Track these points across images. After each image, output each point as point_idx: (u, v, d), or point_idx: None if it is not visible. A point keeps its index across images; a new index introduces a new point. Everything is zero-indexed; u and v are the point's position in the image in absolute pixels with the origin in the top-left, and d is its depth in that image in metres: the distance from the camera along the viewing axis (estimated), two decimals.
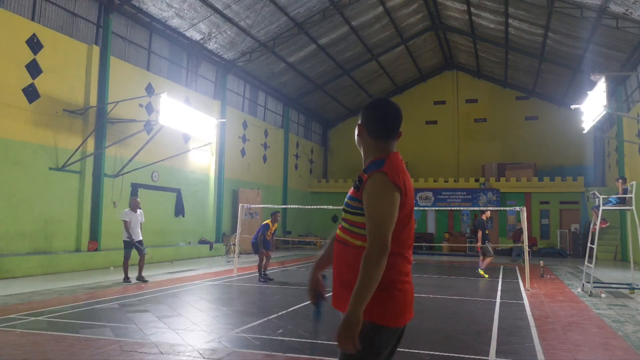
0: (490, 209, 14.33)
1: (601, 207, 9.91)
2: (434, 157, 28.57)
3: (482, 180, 26.17)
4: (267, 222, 11.55)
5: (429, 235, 25.93)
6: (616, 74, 18.02)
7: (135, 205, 10.72)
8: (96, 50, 14.05)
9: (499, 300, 9.14)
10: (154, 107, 15.75)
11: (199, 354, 5.01)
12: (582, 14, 15.91)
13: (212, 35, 18.26)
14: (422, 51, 26.73)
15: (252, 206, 16.49)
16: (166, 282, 10.80)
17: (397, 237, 2.08)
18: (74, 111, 13.31)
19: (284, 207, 20.05)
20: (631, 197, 9.88)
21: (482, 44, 24.10)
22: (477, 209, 21.49)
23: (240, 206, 13.74)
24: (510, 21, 19.80)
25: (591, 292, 9.73)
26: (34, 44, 12.22)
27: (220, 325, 6.46)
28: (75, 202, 13.38)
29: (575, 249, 22.99)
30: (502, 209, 16.29)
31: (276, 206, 18.71)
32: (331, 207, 22.50)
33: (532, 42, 20.75)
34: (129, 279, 10.42)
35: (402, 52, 25.66)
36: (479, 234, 12.90)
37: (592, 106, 12.52)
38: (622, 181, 10.44)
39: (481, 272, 12.85)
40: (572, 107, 14.25)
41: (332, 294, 2.23)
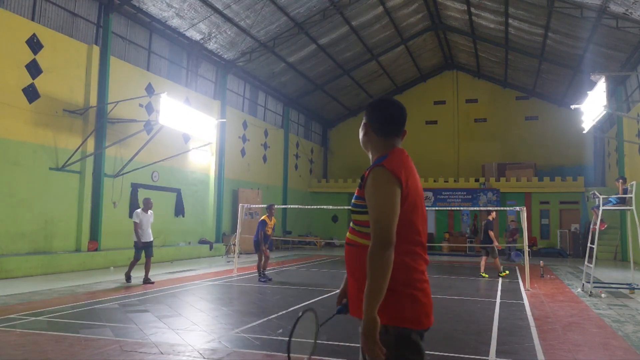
0: (490, 209, 14.30)
1: (601, 207, 9.91)
2: (434, 157, 28.56)
3: (482, 180, 26.16)
4: (264, 218, 11.53)
5: (429, 235, 25.93)
6: (616, 74, 18.02)
7: (148, 205, 10.47)
8: (96, 50, 14.06)
9: (499, 300, 9.14)
10: (154, 107, 15.75)
11: (199, 354, 5.01)
12: (582, 14, 15.91)
13: (212, 35, 18.26)
14: (422, 51, 26.73)
15: (252, 206, 16.49)
16: (166, 282, 10.79)
17: (408, 234, 2.02)
18: (74, 111, 13.31)
19: (284, 207, 20.06)
20: (631, 197, 9.88)
21: (482, 44, 24.10)
22: (477, 209, 21.50)
23: (240, 206, 13.74)
24: (510, 21, 19.80)
25: (591, 292, 9.73)
26: (34, 44, 12.22)
27: (220, 325, 6.46)
28: (75, 202, 13.39)
29: (575, 249, 22.98)
30: (502, 209, 16.28)
31: (276, 206, 18.68)
32: (331, 207, 22.54)
33: (532, 42, 20.75)
34: (130, 279, 10.36)
35: (402, 52, 25.66)
36: (491, 234, 12.96)
37: (592, 106, 12.52)
38: (622, 181, 10.45)
39: (502, 274, 12.85)
40: (572, 107, 14.25)
41: (349, 301, 2.17)
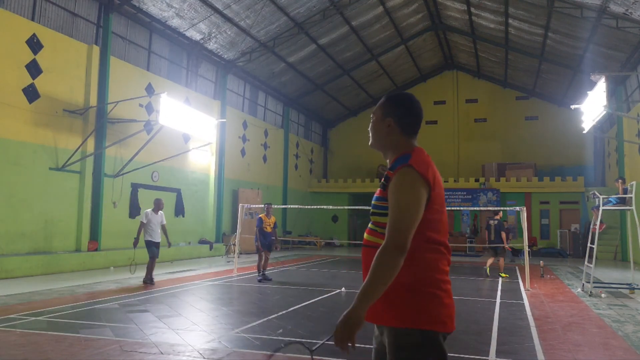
0: (491, 209, 14.29)
1: (601, 207, 9.91)
2: (434, 157, 27.36)
3: (482, 180, 26.16)
4: (261, 216, 11.54)
5: None
6: (616, 74, 18.02)
7: (159, 206, 10.23)
8: (96, 50, 14.06)
9: (499, 300, 9.13)
10: (154, 107, 15.75)
11: (199, 354, 5.01)
12: (582, 14, 15.92)
13: (212, 35, 18.26)
14: (422, 51, 26.73)
15: (252, 206, 16.49)
16: (166, 282, 10.79)
17: (433, 233, 1.96)
18: (74, 111, 13.31)
19: (284, 207, 20.07)
20: (631, 197, 9.88)
21: (482, 44, 24.10)
22: (477, 209, 21.49)
23: (240, 206, 13.74)
24: (510, 21, 19.80)
25: (591, 292, 9.73)
26: (34, 44, 12.22)
27: (220, 325, 6.46)
28: (75, 202, 13.38)
29: (575, 249, 22.98)
30: (502, 208, 16.28)
31: (276, 206, 18.70)
32: (331, 207, 22.54)
33: (532, 42, 20.75)
34: (152, 280, 10.10)
35: (402, 52, 25.66)
36: (503, 235, 12.90)
37: (592, 106, 12.52)
38: (621, 181, 10.47)
39: (502, 274, 12.86)
40: (572, 107, 14.25)
41: None
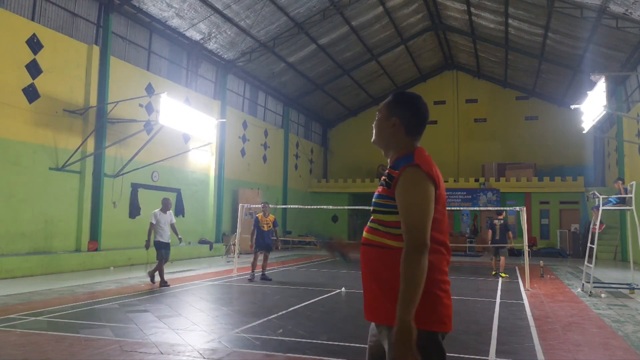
0: (490, 209, 14.29)
1: (601, 207, 9.91)
2: (434, 157, 27.11)
3: (482, 180, 26.16)
4: (257, 216, 11.54)
5: None
6: (616, 74, 18.02)
7: (167, 206, 10.08)
8: (96, 50, 14.05)
9: (499, 300, 9.14)
10: (154, 107, 15.75)
11: (199, 354, 5.01)
12: (582, 14, 15.91)
13: (212, 35, 18.26)
14: (422, 51, 26.73)
15: (252, 206, 16.48)
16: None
17: (435, 234, 1.95)
18: (74, 111, 13.31)
19: (284, 207, 20.07)
20: (631, 197, 9.89)
21: (482, 44, 24.10)
22: (477, 209, 21.48)
23: (240, 206, 13.74)
24: (510, 21, 19.80)
25: (591, 292, 9.73)
26: (34, 44, 12.22)
27: (220, 325, 6.46)
28: (75, 202, 13.38)
29: (575, 249, 22.98)
30: (502, 208, 16.27)
31: (276, 206, 18.70)
32: (331, 207, 22.54)
33: (532, 42, 20.75)
34: (166, 283, 9.93)
35: (402, 52, 25.65)
36: (510, 234, 12.99)
37: (592, 106, 12.53)
38: (621, 182, 10.48)
39: (502, 274, 12.86)
40: (572, 107, 14.25)
41: (366, 306, 2.06)
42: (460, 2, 20.74)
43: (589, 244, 10.41)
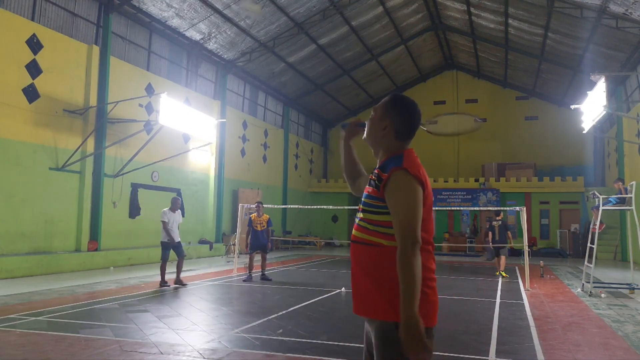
0: (490, 209, 14.31)
1: (601, 207, 9.91)
2: (434, 157, 28.54)
3: (482, 180, 26.17)
4: (251, 216, 11.51)
5: None
6: (616, 74, 18.02)
7: (176, 205, 10.09)
8: (96, 50, 14.05)
9: (499, 300, 9.14)
10: (154, 107, 15.75)
11: (199, 354, 5.01)
12: (582, 14, 15.91)
13: (212, 35, 18.26)
14: (422, 51, 26.73)
15: (252, 206, 16.47)
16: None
17: (422, 233, 2.02)
18: (74, 111, 13.31)
19: (284, 207, 20.07)
20: (631, 197, 9.89)
21: (482, 44, 24.10)
22: (477, 209, 21.49)
23: (240, 206, 13.74)
24: (510, 21, 19.80)
25: (591, 292, 9.73)
26: (34, 44, 12.22)
27: (220, 325, 6.46)
28: (75, 202, 13.38)
29: (575, 249, 22.98)
30: (502, 208, 16.28)
31: (276, 206, 18.71)
32: (331, 207, 22.54)
33: (532, 42, 20.75)
34: (166, 283, 9.91)
35: (402, 52, 25.65)
36: (509, 234, 13.04)
37: (592, 106, 12.53)
38: (621, 182, 10.48)
39: (503, 274, 12.87)
40: (572, 107, 14.25)
41: (356, 301, 2.14)
42: (460, 2, 20.74)
43: (589, 244, 10.41)
